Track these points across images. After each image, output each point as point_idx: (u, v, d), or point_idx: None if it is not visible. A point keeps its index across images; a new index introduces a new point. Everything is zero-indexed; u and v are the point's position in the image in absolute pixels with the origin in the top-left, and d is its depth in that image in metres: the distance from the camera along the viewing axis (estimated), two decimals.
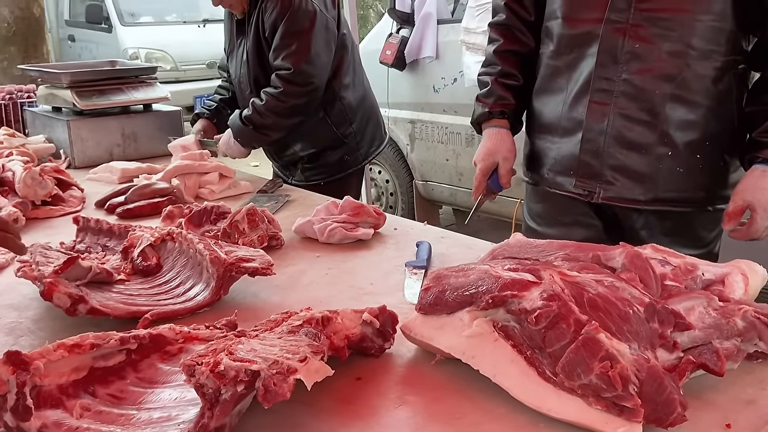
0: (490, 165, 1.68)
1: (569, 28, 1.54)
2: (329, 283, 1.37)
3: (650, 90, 1.45)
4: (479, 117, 1.72)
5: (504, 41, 1.69)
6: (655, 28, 1.42)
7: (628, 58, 1.45)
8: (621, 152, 1.49)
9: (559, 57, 1.58)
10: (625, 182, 1.51)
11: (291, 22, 2.22)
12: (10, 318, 1.21)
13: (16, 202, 1.76)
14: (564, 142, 1.58)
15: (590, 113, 1.51)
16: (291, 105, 2.27)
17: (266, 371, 0.76)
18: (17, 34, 4.23)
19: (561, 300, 0.85)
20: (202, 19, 8.40)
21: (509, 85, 1.69)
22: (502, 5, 1.70)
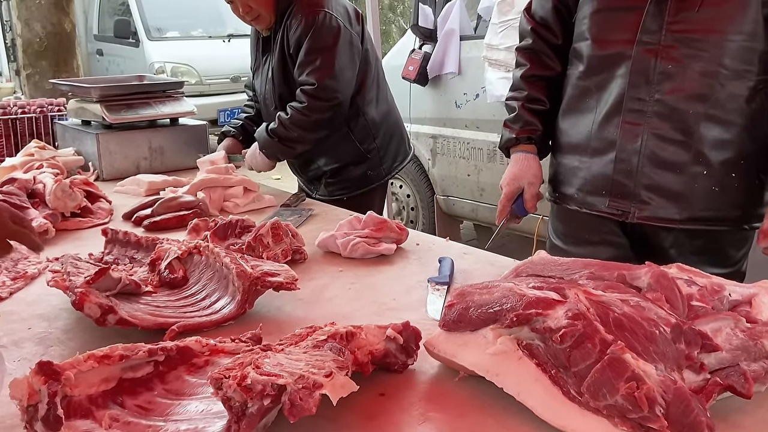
0: (515, 190, 1.69)
1: (599, 49, 1.55)
2: (352, 298, 1.38)
3: (683, 110, 1.45)
4: (506, 142, 1.74)
5: (531, 66, 1.71)
6: (687, 49, 1.43)
7: (661, 79, 1.46)
8: (655, 172, 1.50)
9: (588, 77, 1.59)
10: (661, 202, 1.51)
11: (315, 39, 2.25)
12: (40, 328, 1.23)
13: (46, 213, 1.80)
14: (595, 162, 1.58)
15: (623, 133, 1.51)
16: (315, 119, 2.29)
17: (292, 386, 0.77)
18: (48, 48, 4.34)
19: (586, 319, 0.85)
20: (227, 34, 8.53)
21: (536, 110, 1.70)
22: (529, 30, 1.72)
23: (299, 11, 2.26)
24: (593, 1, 1.56)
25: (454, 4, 4.11)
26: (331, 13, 2.26)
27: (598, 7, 1.55)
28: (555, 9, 1.66)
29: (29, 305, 1.34)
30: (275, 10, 2.31)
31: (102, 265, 1.36)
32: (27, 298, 1.38)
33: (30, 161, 2.27)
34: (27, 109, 2.85)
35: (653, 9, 1.45)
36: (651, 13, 1.45)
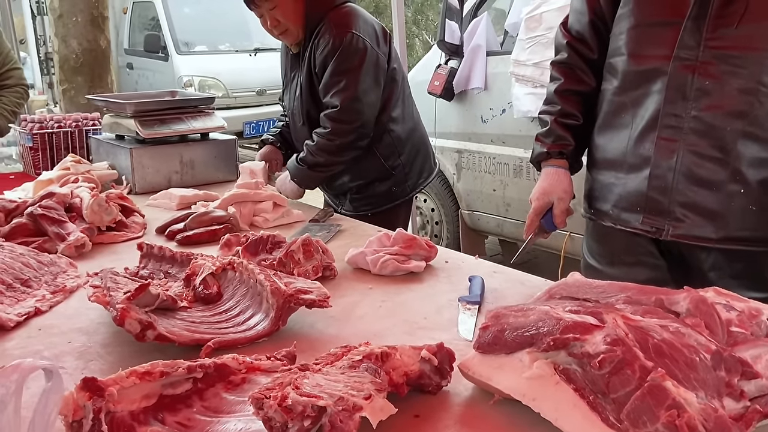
0: (544, 205, 1.68)
1: (635, 64, 1.54)
2: (383, 316, 1.39)
3: (721, 127, 1.43)
4: (538, 156, 1.73)
5: (565, 80, 1.70)
6: (724, 66, 1.42)
7: (698, 95, 1.45)
8: (691, 189, 1.48)
9: (623, 93, 1.58)
10: (696, 219, 1.49)
11: (341, 60, 2.27)
12: (80, 342, 1.26)
13: (83, 227, 1.84)
14: (630, 178, 1.57)
15: (658, 150, 1.50)
16: (339, 143, 2.32)
17: (332, 407, 0.78)
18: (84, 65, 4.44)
19: (625, 345, 0.85)
20: (254, 48, 8.65)
21: (569, 125, 1.69)
22: (565, 44, 1.71)
23: (327, 31, 2.29)
24: (631, 16, 1.54)
25: (481, 19, 4.13)
26: (358, 35, 2.28)
27: (635, 23, 1.54)
28: (591, 23, 1.65)
29: (69, 319, 1.37)
30: (304, 26, 2.34)
31: (140, 281, 1.39)
32: (66, 312, 1.41)
33: (66, 175, 2.32)
34: (63, 123, 2.91)
35: (691, 25, 1.44)
36: (689, 29, 1.44)
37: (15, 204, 1.92)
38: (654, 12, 1.51)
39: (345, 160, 2.37)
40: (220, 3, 8.57)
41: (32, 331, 1.32)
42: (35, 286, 1.49)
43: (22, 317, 1.35)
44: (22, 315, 1.35)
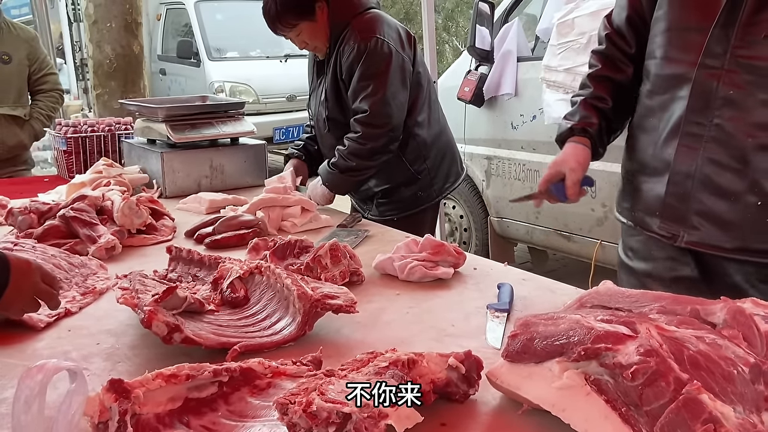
0: (555, 174, 1.66)
1: (664, 68, 1.53)
2: (410, 323, 1.37)
3: (742, 137, 1.41)
4: (562, 134, 1.72)
5: (602, 67, 1.71)
6: (750, 76, 1.39)
7: (721, 104, 1.43)
8: (708, 198, 1.46)
9: (653, 97, 1.57)
10: (711, 228, 1.47)
11: (367, 65, 2.27)
12: (108, 343, 1.27)
13: (114, 230, 1.86)
14: (653, 181, 1.57)
15: (678, 156, 1.49)
16: (371, 147, 2.31)
17: (357, 414, 0.77)
18: (118, 70, 4.52)
19: (659, 356, 0.82)
20: (284, 54, 8.71)
21: (597, 107, 1.68)
22: (604, 36, 1.72)
23: (352, 37, 2.30)
24: (664, 19, 1.53)
25: (512, 25, 4.10)
26: (383, 39, 2.28)
27: (667, 26, 1.53)
28: (629, 19, 1.65)
29: (98, 320, 1.38)
30: (330, 37, 2.36)
31: (168, 284, 1.39)
32: (96, 313, 1.42)
33: (98, 178, 2.36)
34: (96, 127, 2.96)
35: (718, 32, 1.41)
36: (716, 36, 1.42)
37: (48, 206, 1.95)
38: (685, 17, 1.49)
39: (377, 164, 2.37)
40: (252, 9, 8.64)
41: (62, 332, 1.33)
42: (66, 288, 1.51)
43: (53, 318, 1.36)
44: (53, 316, 1.37)
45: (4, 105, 3.33)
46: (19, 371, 1.14)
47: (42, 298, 1.19)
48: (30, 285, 1.16)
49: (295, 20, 2.30)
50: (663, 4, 1.53)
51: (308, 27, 2.32)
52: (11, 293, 1.11)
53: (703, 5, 1.45)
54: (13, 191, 2.46)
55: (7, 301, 1.12)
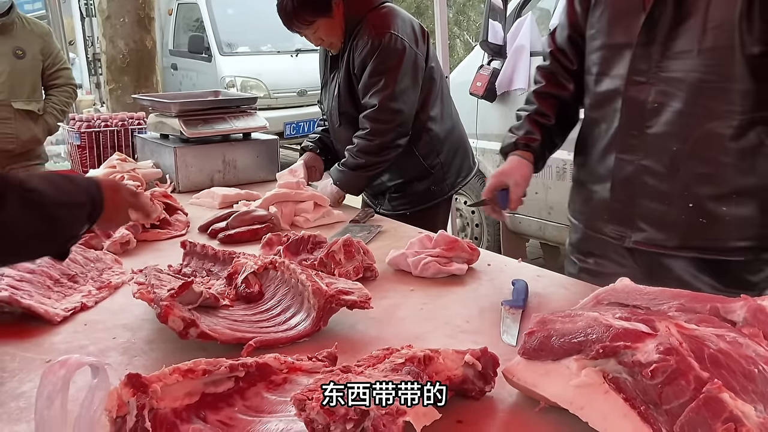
0: (499, 183, 1.74)
1: (599, 84, 1.63)
2: (425, 319, 1.37)
3: (669, 146, 1.50)
4: (506, 147, 1.80)
5: (546, 84, 1.79)
6: (673, 88, 1.48)
7: (650, 116, 1.52)
8: (648, 202, 1.56)
9: (593, 110, 1.68)
10: (653, 229, 1.56)
11: (380, 61, 2.27)
12: (124, 338, 1.28)
13: (128, 225, 1.86)
14: (599, 188, 1.67)
15: (617, 165, 1.59)
16: (378, 143, 2.31)
17: (375, 411, 0.76)
18: (130, 65, 4.54)
19: (679, 354, 0.81)
20: (295, 49, 8.70)
21: (540, 123, 1.77)
22: (548, 53, 1.80)
23: (366, 32, 2.29)
24: (597, 38, 1.63)
25: (525, 20, 4.07)
26: (396, 35, 2.28)
27: (600, 44, 1.62)
28: (569, 37, 1.74)
29: (113, 314, 1.39)
30: (344, 32, 2.35)
31: (183, 278, 1.40)
32: (111, 308, 1.43)
33: (112, 173, 2.37)
34: (109, 122, 2.97)
35: (641, 50, 1.51)
36: (639, 54, 1.51)
37: None
38: (612, 36, 1.59)
39: (386, 160, 2.36)
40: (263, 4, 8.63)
41: (78, 326, 1.34)
42: (81, 282, 1.52)
43: (69, 312, 1.37)
44: (69, 310, 1.38)
45: (18, 99, 3.35)
46: (37, 365, 1.16)
47: (135, 209, 1.29)
48: (122, 200, 1.25)
49: (312, 17, 2.29)
50: (594, 23, 1.63)
51: (325, 23, 2.31)
52: (109, 209, 1.18)
53: (626, 25, 1.53)
54: None
55: (108, 217, 1.19)
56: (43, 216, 1.06)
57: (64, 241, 1.13)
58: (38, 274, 1.45)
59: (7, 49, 3.31)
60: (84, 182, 1.18)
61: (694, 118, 1.46)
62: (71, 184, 1.14)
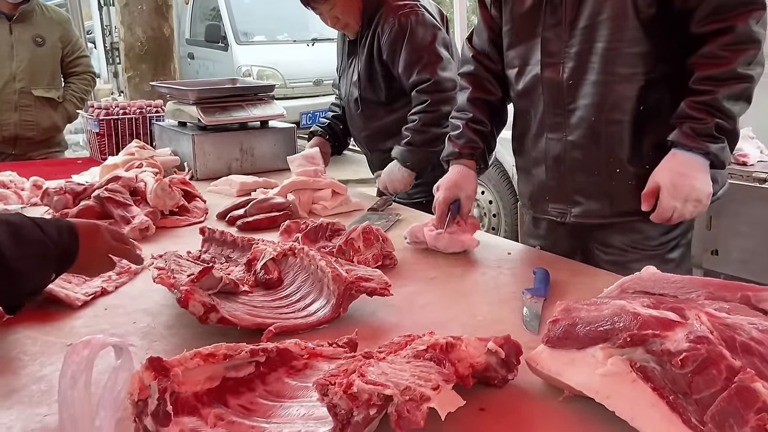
0: (452, 196, 1.77)
1: (521, 75, 1.72)
2: (446, 307, 1.36)
3: (588, 117, 1.61)
4: (449, 155, 1.85)
5: (473, 89, 1.84)
6: (582, 63, 1.59)
7: (567, 93, 1.63)
8: (580, 176, 1.66)
9: (520, 100, 1.77)
10: (589, 202, 1.67)
11: (414, 39, 2.25)
12: (144, 322, 1.28)
13: (147, 211, 1.87)
14: (537, 170, 1.77)
15: (548, 145, 1.70)
16: (443, 112, 2.24)
17: (399, 397, 0.75)
18: (148, 52, 4.54)
19: (710, 343, 0.79)
20: (311, 38, 8.68)
21: (478, 130, 1.82)
22: (470, 57, 1.86)
23: (390, 14, 2.27)
24: (509, 34, 1.73)
25: None
26: (423, 12, 2.27)
27: (513, 39, 1.72)
28: (490, 39, 1.82)
29: (133, 299, 1.39)
30: (362, 16, 2.33)
31: (203, 264, 1.40)
32: (131, 293, 1.43)
33: (131, 160, 2.37)
34: (127, 110, 2.98)
35: (549, 34, 1.61)
36: (548, 38, 1.62)
37: (83, 187, 1.97)
38: (522, 29, 1.68)
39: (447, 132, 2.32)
40: None
41: (98, 311, 1.34)
42: None
43: (89, 297, 1.37)
44: (89, 294, 1.38)
45: (38, 87, 3.37)
46: (58, 349, 1.16)
47: (117, 255, 1.22)
48: (101, 245, 1.18)
49: None
50: (507, 21, 1.73)
51: (342, 0, 2.28)
52: (84, 256, 1.13)
53: (530, 16, 1.64)
54: (47, 172, 2.49)
55: (83, 264, 1.14)
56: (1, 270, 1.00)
57: (22, 296, 1.08)
58: None
59: (27, 37, 3.32)
60: (55, 230, 1.10)
61: (604, 87, 1.57)
62: (40, 233, 1.07)
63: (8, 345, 1.18)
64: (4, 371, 1.09)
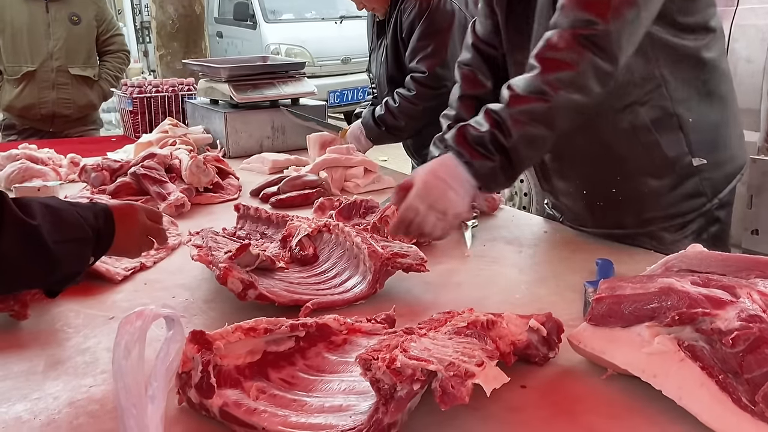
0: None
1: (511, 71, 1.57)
2: (482, 285, 1.35)
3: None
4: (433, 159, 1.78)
5: (463, 84, 1.68)
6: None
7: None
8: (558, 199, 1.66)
9: None
10: (569, 215, 1.66)
11: (429, 23, 2.22)
12: (183, 297, 1.29)
13: (182, 188, 1.88)
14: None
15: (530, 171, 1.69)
16: (423, 108, 2.27)
17: (443, 372, 0.75)
18: (180, 30, 4.56)
19: (763, 322, 0.77)
20: (339, 15, 8.64)
21: None
22: (470, 44, 1.70)
23: None
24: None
25: None
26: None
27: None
28: (493, 24, 1.63)
29: (171, 275, 1.40)
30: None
31: (239, 241, 1.40)
32: (169, 268, 1.45)
33: (164, 138, 2.39)
34: (160, 88, 3.00)
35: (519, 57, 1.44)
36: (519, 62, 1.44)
37: (119, 164, 1.99)
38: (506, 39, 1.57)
39: (422, 126, 2.32)
40: None
41: (138, 285, 1.36)
42: None
43: (129, 271, 1.39)
44: (129, 269, 1.40)
45: (74, 65, 3.41)
46: (100, 322, 1.18)
47: (152, 235, 1.21)
48: (138, 226, 1.17)
49: None
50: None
51: None
52: (121, 238, 1.12)
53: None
54: (83, 150, 2.52)
55: (121, 246, 1.13)
56: (41, 254, 0.99)
57: (61, 281, 1.08)
58: None
59: (63, 15, 3.36)
60: (92, 214, 1.09)
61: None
62: (77, 215, 1.06)
63: (52, 318, 1.20)
64: (49, 343, 1.11)
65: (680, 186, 1.45)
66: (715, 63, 1.43)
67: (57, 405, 0.93)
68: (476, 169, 1.24)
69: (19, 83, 3.39)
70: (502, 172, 1.25)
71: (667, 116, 1.39)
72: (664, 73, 1.37)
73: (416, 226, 1.24)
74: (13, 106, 3.43)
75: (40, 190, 1.92)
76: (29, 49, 3.35)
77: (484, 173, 1.24)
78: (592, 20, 1.20)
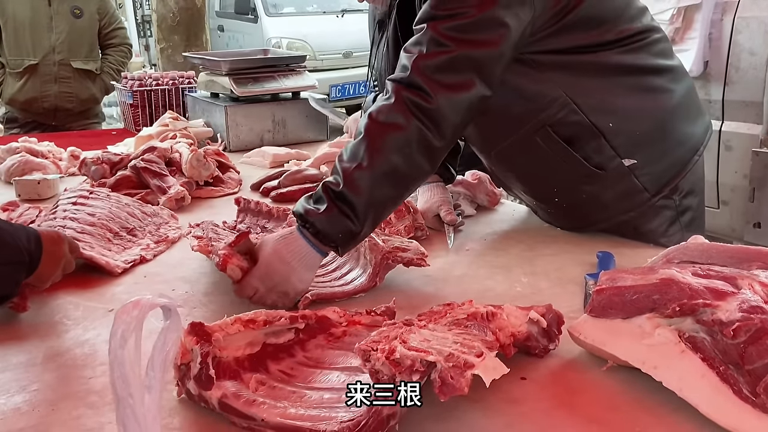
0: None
1: None
2: (483, 278, 1.34)
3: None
4: None
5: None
6: None
7: None
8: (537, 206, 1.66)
9: None
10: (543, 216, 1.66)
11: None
12: (182, 290, 1.29)
13: (182, 181, 1.88)
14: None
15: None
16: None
17: (442, 363, 0.75)
18: (180, 23, 4.55)
19: (764, 313, 0.77)
20: (341, 9, 8.60)
21: None
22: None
23: None
24: None
25: None
26: None
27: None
28: None
29: (171, 268, 1.40)
30: None
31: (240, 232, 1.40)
32: (169, 261, 1.45)
33: (165, 131, 2.38)
34: (160, 81, 2.99)
35: None
36: None
37: (119, 157, 1.98)
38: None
39: None
40: None
41: (138, 278, 1.36)
42: (140, 235, 1.54)
43: (129, 264, 1.39)
44: (129, 262, 1.39)
45: (77, 59, 3.40)
46: (100, 314, 1.18)
47: (67, 267, 1.20)
48: (62, 255, 1.16)
49: None
50: None
51: None
52: (45, 265, 1.11)
53: None
54: (83, 143, 2.51)
55: (42, 273, 1.12)
56: None
57: None
58: (98, 226, 1.47)
59: (66, 9, 3.35)
60: (24, 237, 1.08)
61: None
62: (12, 238, 1.05)
63: (51, 310, 1.20)
64: (49, 335, 1.11)
65: (616, 186, 1.43)
66: (637, 62, 1.38)
67: (56, 396, 0.92)
68: (319, 230, 1.16)
69: (22, 77, 3.38)
70: (347, 219, 1.15)
71: (582, 128, 1.37)
72: (565, 91, 1.35)
73: (257, 300, 1.17)
74: (16, 99, 3.42)
75: (40, 183, 1.92)
76: (32, 42, 3.34)
77: (329, 231, 1.16)
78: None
